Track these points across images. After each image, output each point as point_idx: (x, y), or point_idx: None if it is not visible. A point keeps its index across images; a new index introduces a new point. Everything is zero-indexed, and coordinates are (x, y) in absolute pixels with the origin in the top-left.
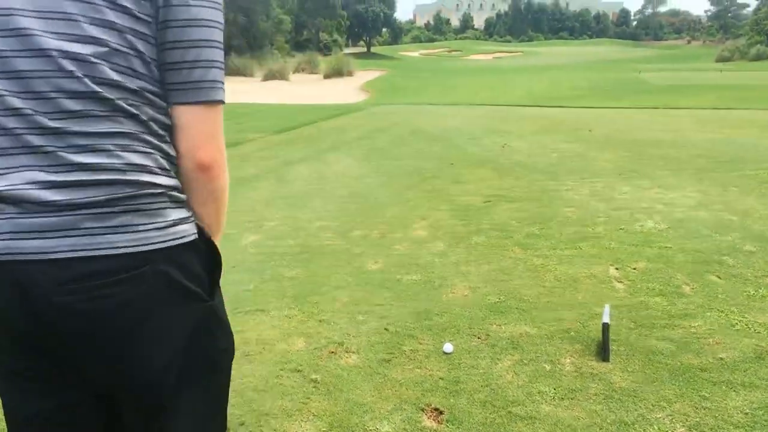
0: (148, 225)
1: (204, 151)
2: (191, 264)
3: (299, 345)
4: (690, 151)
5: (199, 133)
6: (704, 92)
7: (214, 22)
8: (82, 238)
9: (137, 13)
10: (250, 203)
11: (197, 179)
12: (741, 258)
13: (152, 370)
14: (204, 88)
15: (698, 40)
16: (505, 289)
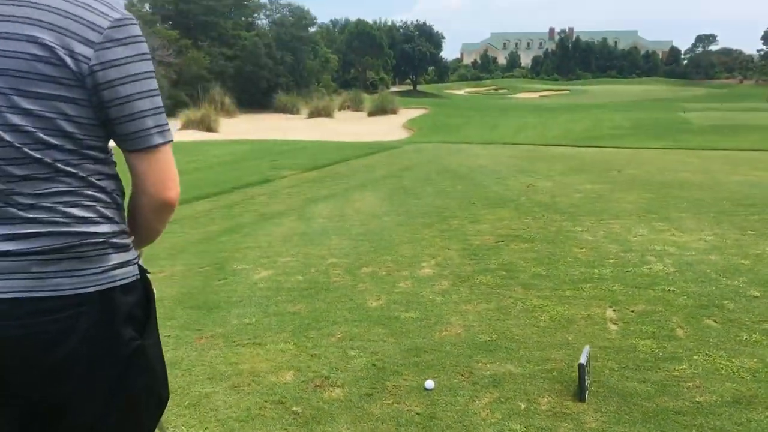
0: (88, 270)
1: (166, 192)
2: (126, 305)
3: (287, 378)
4: (715, 194)
5: (156, 176)
6: (748, 132)
7: (144, 74)
8: (32, 281)
9: (61, 80)
10: (268, 239)
11: (159, 215)
12: (742, 303)
13: (77, 402)
14: (147, 136)
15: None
16: (498, 328)
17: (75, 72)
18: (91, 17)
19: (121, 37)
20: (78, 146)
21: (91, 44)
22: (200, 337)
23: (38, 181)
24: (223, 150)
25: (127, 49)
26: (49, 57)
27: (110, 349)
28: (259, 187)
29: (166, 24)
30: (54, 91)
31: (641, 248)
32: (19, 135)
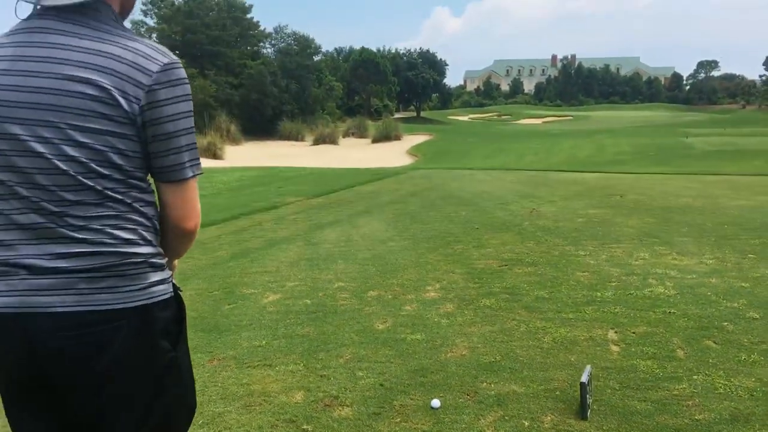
0: (129, 287)
1: (188, 222)
2: (161, 319)
3: (298, 398)
4: (716, 218)
5: (182, 207)
6: (751, 157)
7: (185, 113)
8: (77, 296)
9: (114, 117)
10: (276, 264)
11: (181, 240)
12: (742, 324)
13: (116, 409)
14: (181, 169)
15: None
16: (503, 349)
17: (127, 111)
18: (142, 62)
19: (168, 79)
20: (125, 176)
21: (142, 86)
22: (212, 359)
23: (89, 206)
24: (229, 177)
25: (173, 91)
26: (105, 97)
27: (147, 360)
28: (266, 213)
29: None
30: (107, 127)
31: (643, 271)
32: (74, 164)
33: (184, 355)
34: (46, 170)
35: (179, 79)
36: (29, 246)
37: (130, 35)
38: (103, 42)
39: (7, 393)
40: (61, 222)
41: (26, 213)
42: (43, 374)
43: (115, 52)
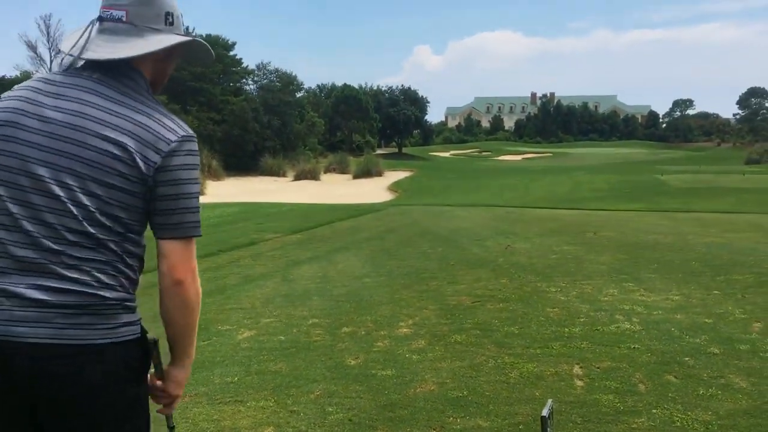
0: (102, 325)
1: (178, 271)
2: (128, 357)
3: None
4: (684, 255)
5: (176, 259)
6: (724, 195)
7: (193, 180)
8: (52, 330)
9: (129, 176)
10: (252, 301)
11: (173, 291)
12: (702, 359)
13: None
14: (183, 228)
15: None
16: (470, 384)
17: (143, 173)
18: (164, 132)
19: (183, 150)
20: (123, 229)
21: (160, 152)
22: (184, 396)
23: (84, 248)
24: (210, 213)
25: (185, 159)
26: (127, 158)
27: (114, 393)
28: (245, 250)
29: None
30: (121, 184)
31: (611, 308)
32: (83, 211)
33: (145, 393)
34: (57, 210)
35: (192, 150)
36: (17, 276)
37: (158, 107)
38: (134, 110)
39: None
40: (55, 259)
41: (24, 247)
42: (20, 397)
43: (143, 120)
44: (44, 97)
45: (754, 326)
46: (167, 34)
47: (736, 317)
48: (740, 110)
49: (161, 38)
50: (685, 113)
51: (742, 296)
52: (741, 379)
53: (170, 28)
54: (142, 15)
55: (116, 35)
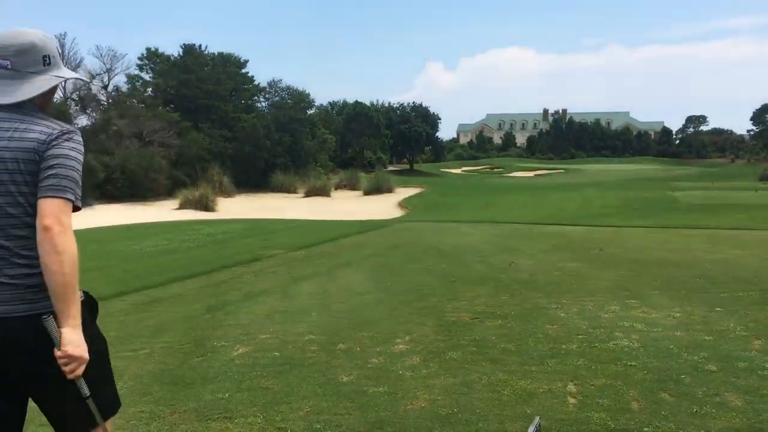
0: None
1: (46, 219)
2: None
3: None
4: (689, 271)
5: (46, 211)
6: (735, 211)
7: (72, 157)
8: (26, 305)
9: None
10: (250, 317)
11: (42, 237)
12: (699, 377)
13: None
14: (68, 192)
15: (742, 158)
16: (462, 401)
17: (38, 162)
18: (48, 131)
19: (61, 136)
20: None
21: (43, 144)
22: (173, 412)
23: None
24: (217, 229)
25: (62, 142)
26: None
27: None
28: (248, 266)
29: (168, 107)
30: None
31: (610, 324)
32: (20, 209)
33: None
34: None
35: (69, 136)
36: None
37: (43, 118)
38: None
39: None
40: (7, 253)
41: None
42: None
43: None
44: None
45: (755, 344)
46: (46, 74)
47: (737, 334)
48: (754, 126)
49: (42, 80)
50: (698, 129)
51: (745, 313)
52: (736, 398)
53: (49, 67)
54: (23, 62)
55: (5, 79)
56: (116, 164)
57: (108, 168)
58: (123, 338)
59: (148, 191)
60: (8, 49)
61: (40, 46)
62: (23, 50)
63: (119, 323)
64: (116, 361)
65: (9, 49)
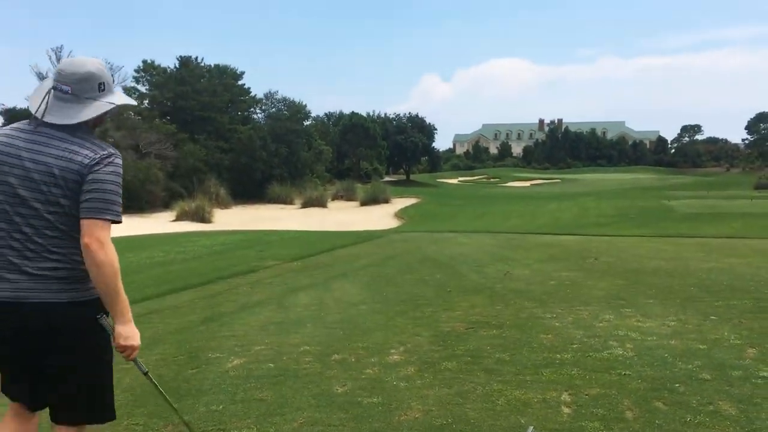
0: (81, 288)
1: (85, 238)
2: (98, 308)
3: None
4: (684, 280)
5: (85, 231)
6: (730, 220)
7: (110, 180)
8: (50, 293)
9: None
10: (245, 329)
11: (84, 253)
12: (693, 386)
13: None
14: (110, 213)
15: (737, 167)
16: (456, 412)
17: (80, 183)
18: (90, 154)
19: (102, 161)
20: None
21: (84, 167)
22: (167, 425)
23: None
24: (213, 240)
25: (105, 167)
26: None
27: (91, 331)
28: (244, 277)
29: (164, 119)
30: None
31: (605, 333)
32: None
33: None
34: (34, 218)
35: (110, 161)
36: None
37: (91, 141)
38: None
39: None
40: (39, 248)
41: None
42: (28, 345)
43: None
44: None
45: (749, 352)
46: (100, 99)
47: (731, 343)
48: (749, 135)
49: (96, 105)
50: (693, 138)
51: (740, 322)
52: (730, 406)
53: (103, 93)
54: (82, 89)
55: (66, 102)
56: None
57: None
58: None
59: (144, 203)
60: (71, 77)
61: (97, 75)
62: (83, 79)
63: None
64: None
65: (72, 77)
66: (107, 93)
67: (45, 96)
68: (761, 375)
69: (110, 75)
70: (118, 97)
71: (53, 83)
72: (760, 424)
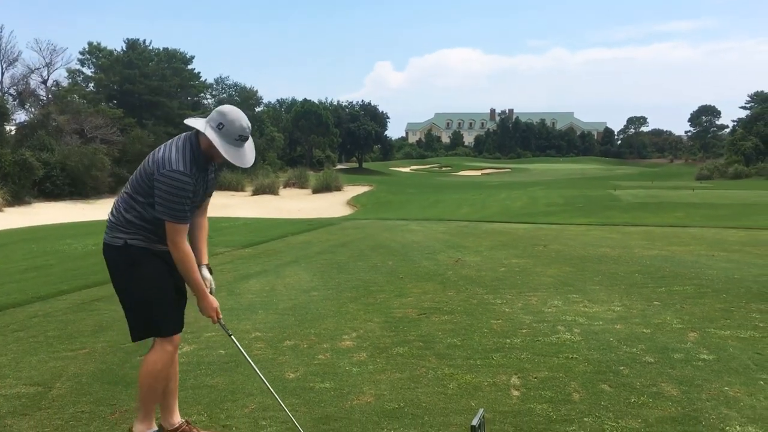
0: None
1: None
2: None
3: None
4: (629, 267)
5: (167, 231)
6: (673, 210)
7: (163, 192)
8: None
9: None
10: (195, 315)
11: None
12: (637, 368)
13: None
14: (164, 215)
15: (680, 158)
16: (408, 396)
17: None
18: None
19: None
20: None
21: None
22: (114, 412)
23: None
24: None
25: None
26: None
27: (127, 268)
28: None
29: (110, 103)
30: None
31: (553, 319)
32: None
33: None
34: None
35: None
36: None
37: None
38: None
39: None
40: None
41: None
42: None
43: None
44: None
45: (690, 336)
46: (235, 147)
47: (673, 327)
48: (692, 127)
49: (230, 148)
50: (639, 130)
51: (681, 307)
52: (672, 387)
53: (239, 142)
54: (230, 131)
55: (217, 134)
56: (56, 161)
57: (47, 165)
58: (63, 338)
59: (90, 189)
60: (226, 117)
61: (245, 128)
62: (234, 124)
63: (59, 322)
64: (55, 361)
65: (226, 118)
66: (241, 143)
67: (207, 121)
68: (702, 358)
69: (249, 134)
70: (246, 153)
71: (214, 116)
72: (701, 405)
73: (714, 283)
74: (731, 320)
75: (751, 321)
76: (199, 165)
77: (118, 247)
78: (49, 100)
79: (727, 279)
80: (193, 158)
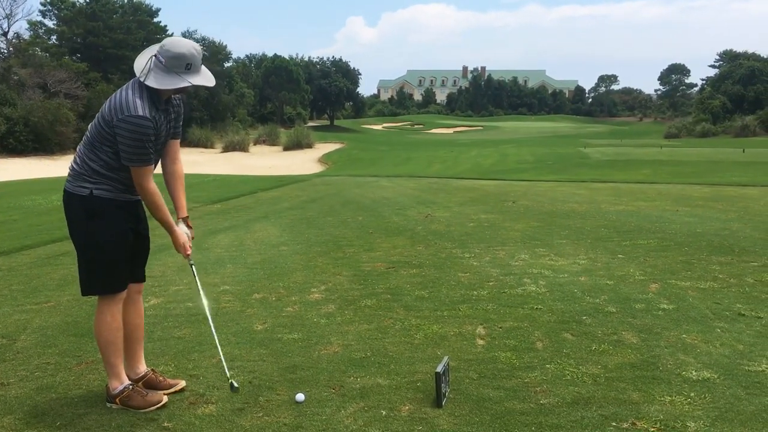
0: (78, 183)
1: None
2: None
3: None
4: (596, 222)
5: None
6: (641, 167)
7: (125, 138)
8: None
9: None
10: (162, 269)
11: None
12: (599, 318)
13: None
14: (129, 161)
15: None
16: (375, 346)
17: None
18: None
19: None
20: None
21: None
22: (80, 363)
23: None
24: None
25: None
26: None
27: (81, 216)
28: None
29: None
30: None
31: (520, 272)
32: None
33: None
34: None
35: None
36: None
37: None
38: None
39: None
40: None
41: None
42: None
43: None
44: None
45: (651, 287)
46: (183, 77)
47: (636, 279)
48: (661, 86)
49: (178, 80)
50: (609, 89)
51: (644, 259)
52: (632, 336)
53: (188, 71)
54: (172, 65)
55: (160, 72)
56: (18, 116)
57: (9, 120)
58: (27, 292)
59: (54, 145)
60: (167, 54)
61: (187, 56)
62: (175, 57)
63: (23, 276)
64: (20, 314)
65: (167, 54)
66: (194, 71)
67: (148, 61)
68: (662, 308)
69: (200, 58)
70: (199, 78)
71: (156, 51)
72: (659, 352)
73: (677, 236)
74: (692, 272)
75: (711, 272)
76: (158, 106)
77: (83, 196)
78: (9, 53)
79: (689, 233)
80: (150, 100)
